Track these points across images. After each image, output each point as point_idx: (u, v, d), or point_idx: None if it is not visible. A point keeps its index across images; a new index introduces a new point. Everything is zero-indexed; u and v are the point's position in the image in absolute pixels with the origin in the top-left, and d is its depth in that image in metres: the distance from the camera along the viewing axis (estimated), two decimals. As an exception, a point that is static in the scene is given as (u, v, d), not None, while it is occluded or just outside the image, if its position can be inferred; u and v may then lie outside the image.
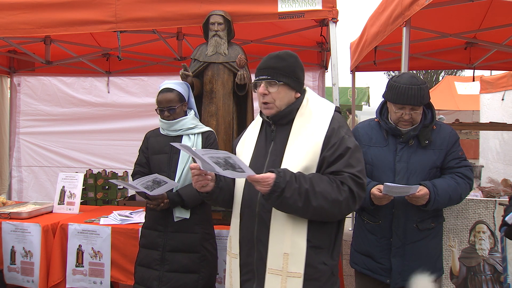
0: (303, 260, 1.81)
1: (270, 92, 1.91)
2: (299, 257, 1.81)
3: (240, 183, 1.99)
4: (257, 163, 1.95)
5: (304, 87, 2.03)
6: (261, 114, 2.06)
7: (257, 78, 1.95)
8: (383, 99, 2.56)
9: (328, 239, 1.89)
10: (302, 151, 1.85)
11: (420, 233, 2.46)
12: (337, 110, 1.99)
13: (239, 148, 2.10)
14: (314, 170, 1.84)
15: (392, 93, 2.41)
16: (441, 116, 11.83)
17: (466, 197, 2.63)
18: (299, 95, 1.97)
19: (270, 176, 1.73)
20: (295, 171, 1.80)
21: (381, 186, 2.32)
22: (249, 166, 1.92)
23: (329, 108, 1.96)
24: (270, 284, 1.83)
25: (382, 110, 2.59)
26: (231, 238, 2.03)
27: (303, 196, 1.74)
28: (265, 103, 1.94)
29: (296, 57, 1.97)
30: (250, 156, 2.00)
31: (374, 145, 2.52)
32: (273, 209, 1.84)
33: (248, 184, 1.91)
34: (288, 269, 1.81)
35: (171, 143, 2.25)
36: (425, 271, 2.48)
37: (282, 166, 1.84)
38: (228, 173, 1.73)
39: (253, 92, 3.46)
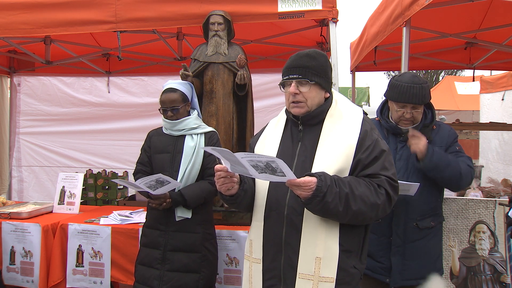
0: (336, 264, 1.76)
1: (301, 92, 1.86)
2: (332, 261, 1.76)
3: (262, 186, 1.91)
4: None
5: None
6: (286, 112, 1.99)
7: (287, 77, 1.89)
8: (384, 98, 2.58)
9: (357, 242, 1.86)
10: (334, 153, 1.80)
11: (420, 232, 2.47)
12: (365, 113, 1.96)
13: (258, 147, 2.02)
14: (347, 173, 1.80)
15: (393, 92, 2.43)
16: (442, 116, 11.83)
17: (466, 197, 2.64)
18: (328, 95, 1.94)
19: (312, 180, 1.68)
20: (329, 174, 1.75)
21: None
22: None
23: (358, 110, 1.93)
24: None
25: (383, 109, 2.61)
26: (251, 242, 1.94)
27: (344, 200, 1.70)
28: (295, 102, 1.88)
29: (326, 56, 1.93)
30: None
31: None
32: (305, 212, 1.79)
33: (274, 187, 1.86)
34: (320, 273, 1.76)
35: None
36: (425, 270, 2.49)
37: (314, 168, 1.80)
38: (263, 176, 1.68)
39: (252, 92, 3.48)
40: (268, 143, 1.99)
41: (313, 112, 1.89)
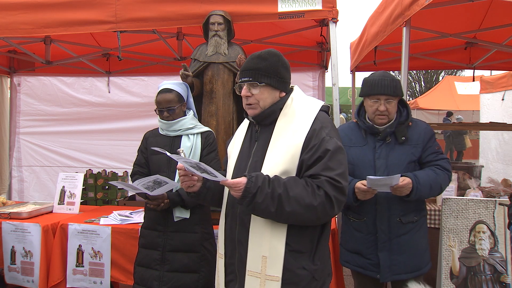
0: (281, 264, 1.77)
1: (253, 94, 1.88)
2: (277, 260, 1.77)
3: None
4: (241, 164, 1.94)
5: (292, 85, 1.98)
6: (245, 114, 2.01)
7: (240, 80, 1.92)
8: (362, 99, 2.66)
9: (309, 243, 1.83)
10: (282, 153, 1.81)
11: (404, 227, 2.53)
12: (324, 109, 1.92)
13: (229, 148, 2.08)
14: (293, 173, 1.79)
15: (366, 87, 2.54)
16: (459, 116, 11.85)
17: (466, 197, 2.65)
18: (284, 94, 1.93)
19: (241, 181, 1.71)
20: (274, 174, 1.77)
21: (365, 181, 2.40)
22: (234, 167, 1.95)
23: (314, 107, 1.90)
24: (249, 286, 1.81)
25: (360, 111, 2.68)
26: (219, 238, 2.03)
27: (276, 201, 1.70)
28: (249, 104, 1.91)
29: (279, 55, 1.92)
30: (236, 157, 1.98)
31: (354, 145, 2.61)
32: None
33: None
34: (266, 272, 1.78)
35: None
36: (413, 264, 2.55)
37: (263, 169, 1.82)
38: (205, 176, 1.74)
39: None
40: (235, 143, 2.06)
41: (264, 112, 1.90)
